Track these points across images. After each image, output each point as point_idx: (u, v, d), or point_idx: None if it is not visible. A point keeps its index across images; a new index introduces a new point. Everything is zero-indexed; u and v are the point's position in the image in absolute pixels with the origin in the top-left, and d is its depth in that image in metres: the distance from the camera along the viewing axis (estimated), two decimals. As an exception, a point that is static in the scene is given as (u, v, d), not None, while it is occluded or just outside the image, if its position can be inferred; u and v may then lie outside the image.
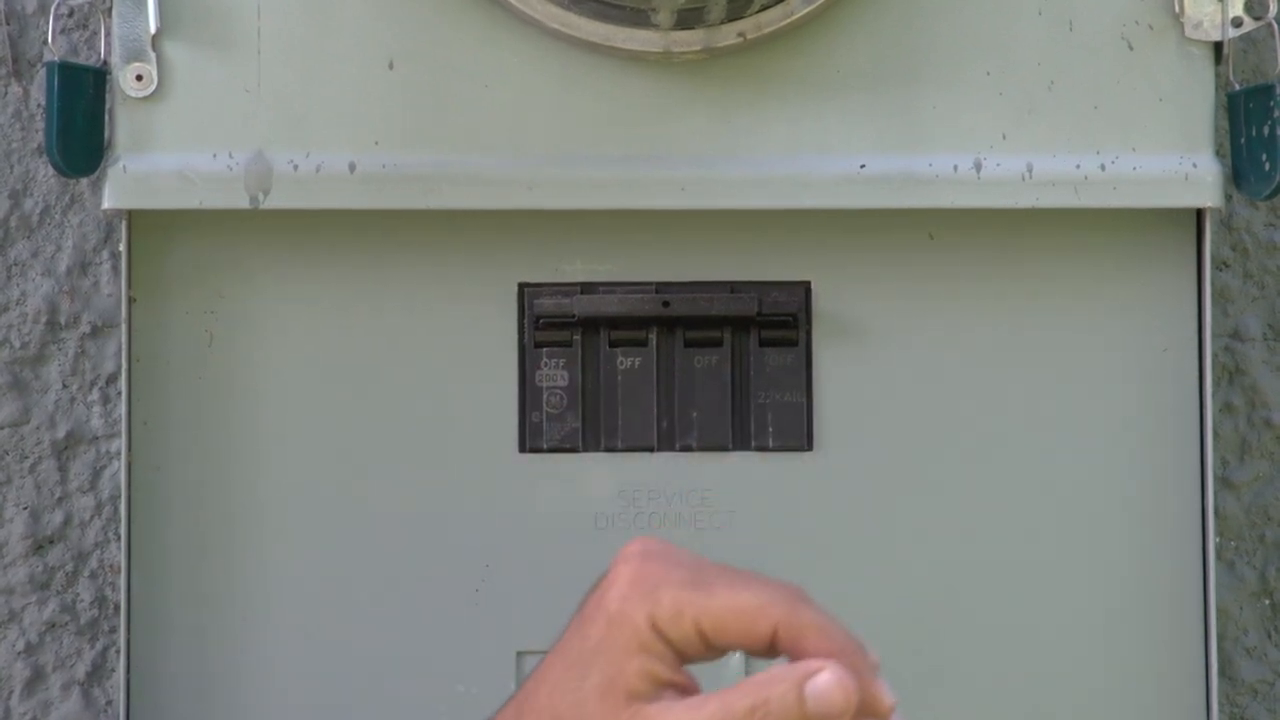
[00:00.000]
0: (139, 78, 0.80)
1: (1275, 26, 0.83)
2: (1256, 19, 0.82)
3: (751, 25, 0.80)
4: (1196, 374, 0.83)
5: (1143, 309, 0.84)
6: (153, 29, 0.80)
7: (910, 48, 0.82)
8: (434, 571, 0.82)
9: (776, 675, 0.67)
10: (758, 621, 0.67)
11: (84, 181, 0.96)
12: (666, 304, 0.83)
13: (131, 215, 0.81)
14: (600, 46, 0.80)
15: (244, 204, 0.80)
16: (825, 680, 0.66)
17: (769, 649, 0.68)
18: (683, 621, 0.67)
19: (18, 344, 0.96)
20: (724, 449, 0.83)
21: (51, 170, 0.92)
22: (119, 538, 0.94)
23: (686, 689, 0.68)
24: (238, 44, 0.80)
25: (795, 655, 0.67)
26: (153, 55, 0.80)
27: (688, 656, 0.68)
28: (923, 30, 0.82)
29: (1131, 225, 0.83)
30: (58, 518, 0.96)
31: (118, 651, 0.90)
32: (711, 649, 0.68)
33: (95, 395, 0.96)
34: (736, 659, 0.83)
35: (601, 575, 0.69)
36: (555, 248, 0.83)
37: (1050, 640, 0.83)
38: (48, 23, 0.92)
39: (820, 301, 0.83)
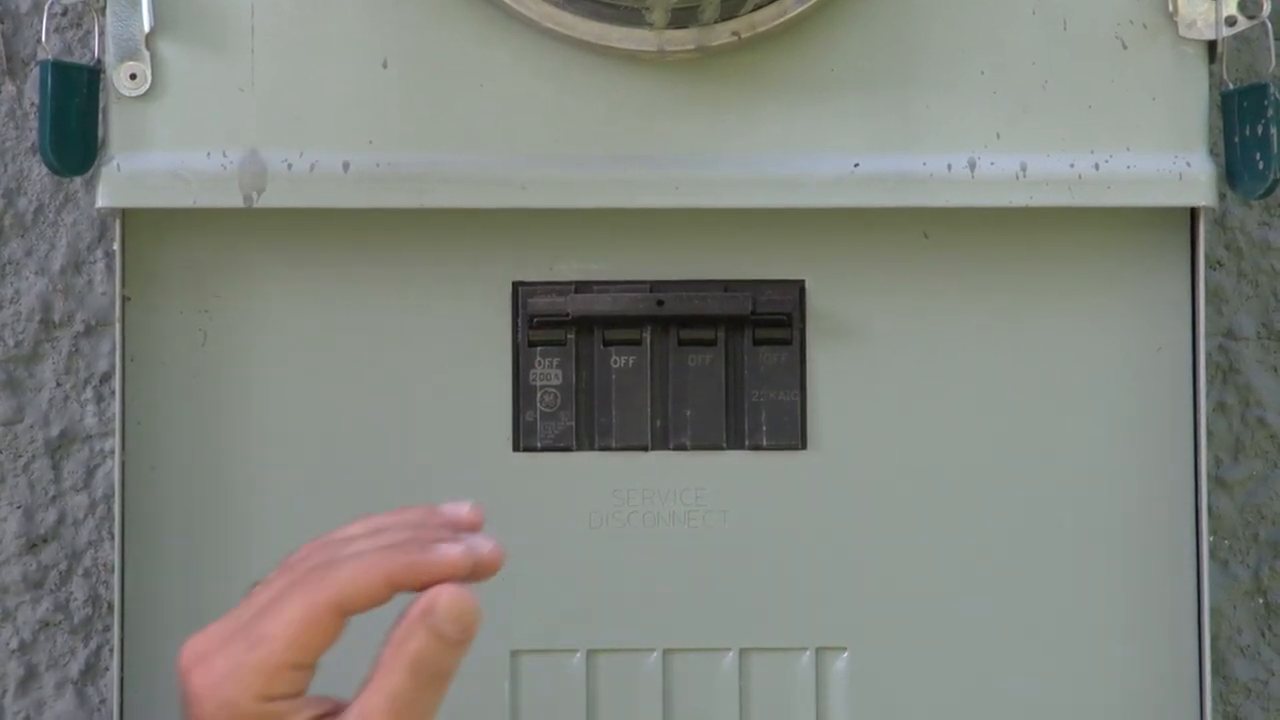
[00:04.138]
0: (133, 76, 0.80)
1: (1269, 25, 0.83)
2: (1250, 18, 0.82)
3: (745, 24, 0.80)
4: (1190, 373, 0.84)
5: (1137, 308, 0.84)
6: (146, 28, 0.80)
7: (904, 47, 0.82)
8: (428, 570, 0.82)
9: (405, 632, 0.68)
10: (321, 623, 0.68)
11: (78, 180, 0.96)
12: (660, 303, 0.83)
13: (125, 214, 0.81)
14: (594, 46, 0.80)
15: (238, 203, 0.80)
16: (442, 606, 0.67)
17: (366, 609, 0.68)
18: (278, 676, 0.68)
19: (11, 342, 0.96)
20: (718, 448, 0.83)
21: (45, 169, 0.92)
22: (113, 537, 0.94)
23: (337, 708, 0.69)
24: (232, 43, 0.80)
25: (378, 599, 0.68)
26: (146, 54, 0.80)
27: (308, 683, 0.69)
28: (917, 29, 0.82)
29: (1125, 224, 0.84)
30: (51, 516, 0.96)
31: (111, 650, 0.90)
32: (314, 660, 0.69)
33: (89, 394, 0.96)
34: (730, 658, 0.83)
35: (179, 695, 0.70)
36: (549, 247, 0.83)
37: (1044, 639, 0.83)
38: (41, 21, 0.92)
39: (814, 301, 0.83)
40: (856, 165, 0.81)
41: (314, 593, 0.69)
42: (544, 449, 0.83)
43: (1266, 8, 0.82)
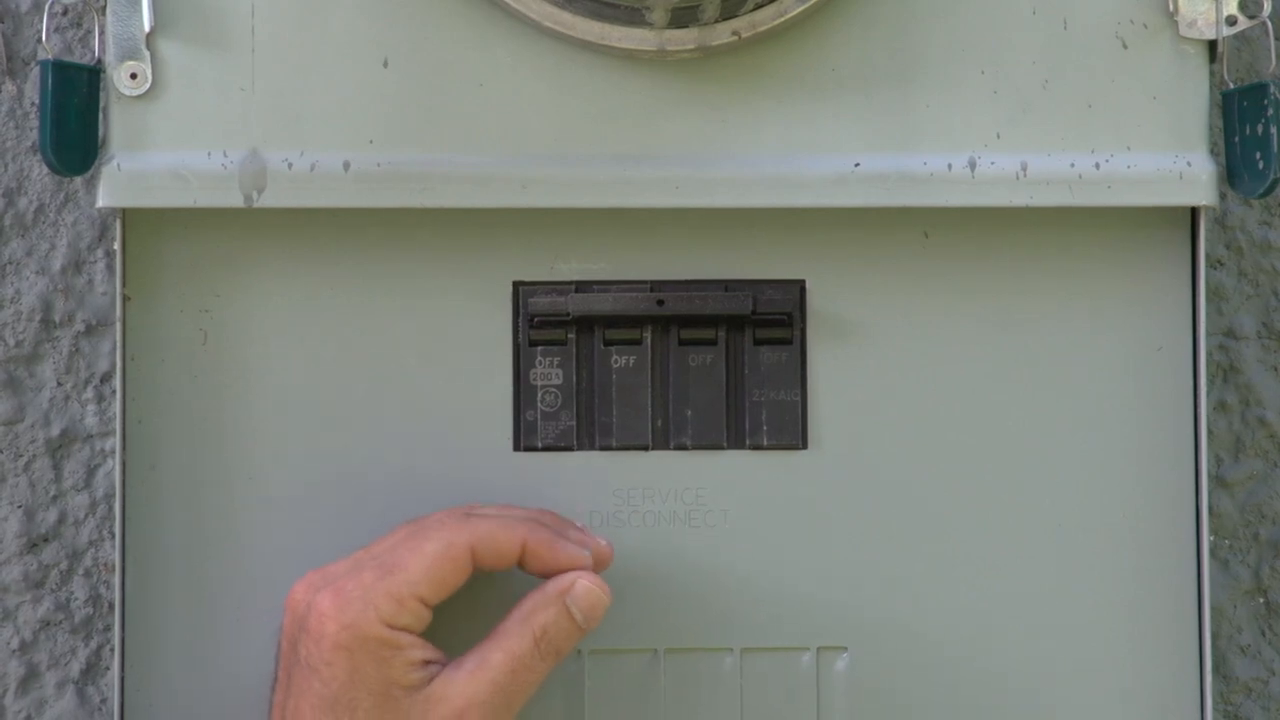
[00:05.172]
0: (133, 76, 0.80)
1: (1269, 25, 0.83)
2: (1250, 18, 0.82)
3: (746, 24, 0.80)
4: (1191, 372, 0.84)
5: (1137, 307, 0.84)
6: (147, 27, 0.80)
7: (904, 46, 0.82)
8: (428, 570, 0.82)
9: (538, 603, 0.77)
10: (456, 561, 0.75)
11: (79, 180, 0.96)
12: (661, 303, 0.83)
13: (126, 214, 0.81)
14: (595, 45, 0.80)
15: (238, 202, 0.80)
16: (581, 588, 0.76)
17: (491, 565, 0.76)
18: (406, 604, 0.74)
19: (12, 342, 0.96)
20: (718, 447, 0.83)
21: (46, 169, 0.92)
22: (113, 536, 0.94)
23: (444, 660, 0.75)
24: (232, 42, 0.80)
25: (506, 557, 0.75)
26: (147, 54, 0.80)
27: (425, 625, 0.75)
28: (917, 29, 0.82)
29: (1126, 224, 0.84)
30: (52, 516, 0.96)
31: (112, 650, 0.90)
32: (438, 600, 0.75)
33: (90, 393, 0.96)
34: (730, 658, 0.83)
35: (283, 634, 0.76)
36: (550, 246, 0.83)
37: (1044, 638, 0.83)
38: (42, 21, 0.92)
39: (815, 300, 0.83)
40: (857, 165, 0.81)
41: (454, 533, 0.75)
42: (544, 448, 0.83)
43: (1267, 7, 0.82)
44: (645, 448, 0.83)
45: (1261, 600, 1.00)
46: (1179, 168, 0.82)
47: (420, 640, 0.74)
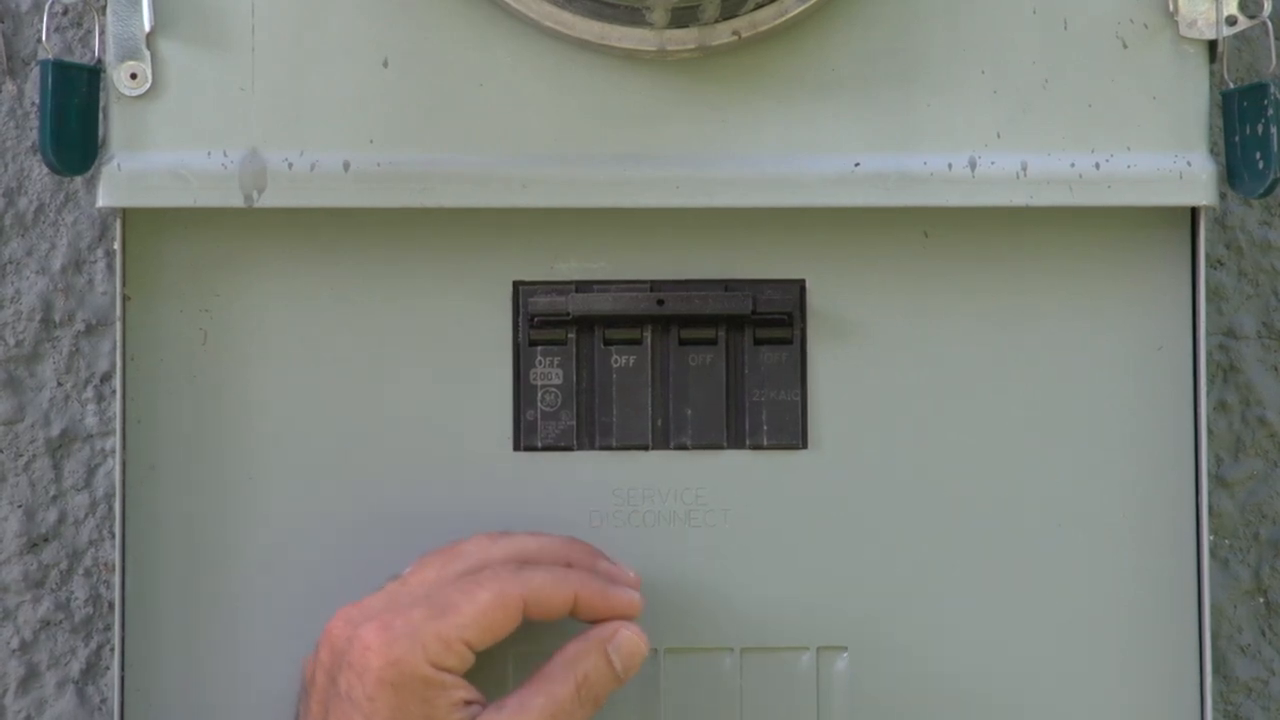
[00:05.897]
0: (133, 76, 0.80)
1: (1269, 25, 0.83)
2: (1250, 17, 0.82)
3: (746, 24, 0.80)
4: (1191, 372, 0.84)
5: (1137, 307, 0.84)
6: (147, 27, 0.80)
7: (905, 46, 0.82)
8: (428, 570, 0.82)
9: (580, 651, 0.76)
10: (508, 610, 0.75)
11: (79, 180, 0.96)
12: (661, 302, 0.83)
13: (126, 213, 0.81)
14: (595, 45, 0.80)
15: (238, 202, 0.80)
16: (623, 638, 0.76)
17: (541, 618, 0.76)
18: (453, 647, 0.74)
19: (12, 342, 0.96)
20: (718, 447, 0.83)
21: (46, 169, 0.92)
22: (113, 536, 0.94)
23: (485, 702, 0.75)
24: (232, 42, 0.80)
25: (557, 610, 0.76)
26: (147, 54, 0.80)
27: (468, 667, 0.75)
28: (917, 29, 0.82)
29: (1126, 224, 0.84)
30: (52, 516, 0.96)
31: (112, 649, 0.90)
32: (484, 646, 0.75)
33: (90, 393, 0.96)
34: (730, 658, 0.83)
35: (317, 666, 0.75)
36: (550, 246, 0.83)
37: (1044, 638, 0.83)
38: (42, 21, 0.92)
39: (815, 300, 0.83)
40: (857, 165, 0.81)
41: (508, 584, 0.75)
42: (545, 448, 0.83)
43: (1267, 7, 0.82)
44: (645, 447, 0.83)
45: (1261, 600, 1.00)
46: (1179, 168, 0.82)
47: (463, 681, 0.74)
